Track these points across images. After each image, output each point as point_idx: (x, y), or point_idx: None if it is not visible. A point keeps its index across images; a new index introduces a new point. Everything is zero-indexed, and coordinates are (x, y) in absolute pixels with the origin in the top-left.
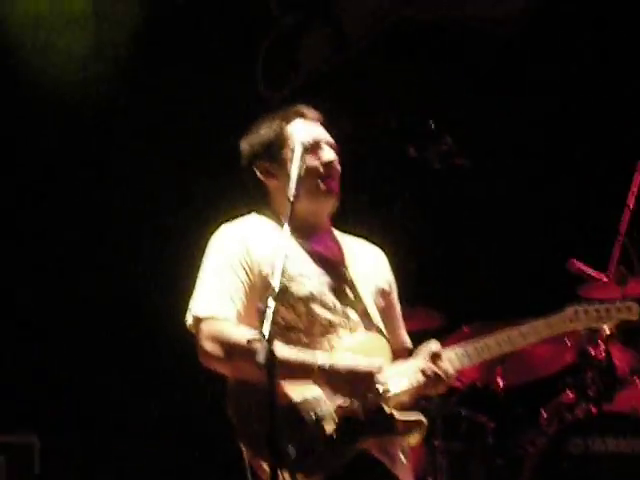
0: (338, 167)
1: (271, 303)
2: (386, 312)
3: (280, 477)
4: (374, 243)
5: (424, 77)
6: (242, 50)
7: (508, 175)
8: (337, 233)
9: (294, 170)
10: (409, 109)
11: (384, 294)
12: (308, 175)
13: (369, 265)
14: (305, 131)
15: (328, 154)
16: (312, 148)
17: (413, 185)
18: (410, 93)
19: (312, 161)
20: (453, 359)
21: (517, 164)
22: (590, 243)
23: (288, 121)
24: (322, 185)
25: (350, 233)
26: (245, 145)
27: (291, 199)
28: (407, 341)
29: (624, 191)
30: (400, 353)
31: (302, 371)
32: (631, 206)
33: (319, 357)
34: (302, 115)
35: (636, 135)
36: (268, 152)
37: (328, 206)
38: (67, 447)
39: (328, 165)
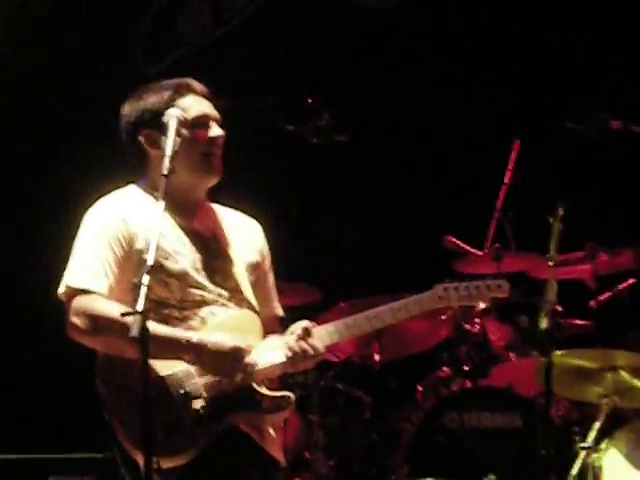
0: (221, 144)
1: (145, 279)
2: (258, 284)
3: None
4: (250, 214)
5: (303, 52)
6: (122, 23)
7: (386, 151)
8: (213, 206)
9: (169, 145)
10: (287, 84)
11: (257, 267)
12: (192, 150)
13: (243, 239)
14: (195, 105)
15: (215, 130)
16: (199, 124)
17: (291, 161)
18: (288, 68)
19: (198, 137)
20: (323, 335)
21: (395, 140)
22: (466, 220)
23: (179, 93)
24: (205, 161)
25: (226, 205)
26: (130, 110)
27: (165, 173)
28: (279, 312)
29: (501, 168)
30: (272, 323)
31: (171, 347)
32: (507, 183)
33: (189, 334)
34: (192, 89)
35: (513, 112)
36: (156, 121)
37: (209, 182)
38: None
39: (213, 142)
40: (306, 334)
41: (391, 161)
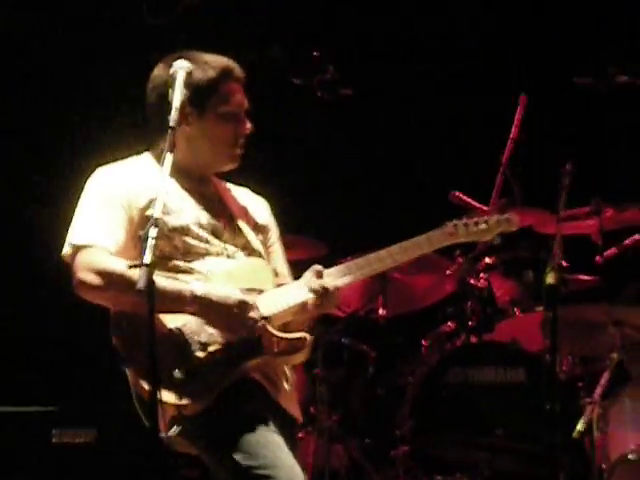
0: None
1: (152, 231)
2: (267, 250)
3: (165, 404)
4: (258, 194)
5: (309, 4)
6: None
7: (392, 105)
8: (219, 180)
9: (176, 97)
10: (293, 37)
11: (264, 231)
12: (222, 139)
13: (249, 205)
14: (235, 96)
15: (247, 126)
16: (235, 116)
17: (297, 114)
18: (294, 22)
19: (231, 129)
20: (335, 276)
21: (401, 94)
22: (472, 175)
23: (223, 78)
24: (232, 153)
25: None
26: (183, 65)
27: (172, 125)
28: (289, 278)
29: (507, 124)
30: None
31: (175, 300)
32: (513, 138)
33: (195, 286)
34: (235, 77)
35: (520, 67)
36: (195, 97)
37: (226, 169)
38: None
39: (243, 137)
40: (319, 275)
41: (397, 115)
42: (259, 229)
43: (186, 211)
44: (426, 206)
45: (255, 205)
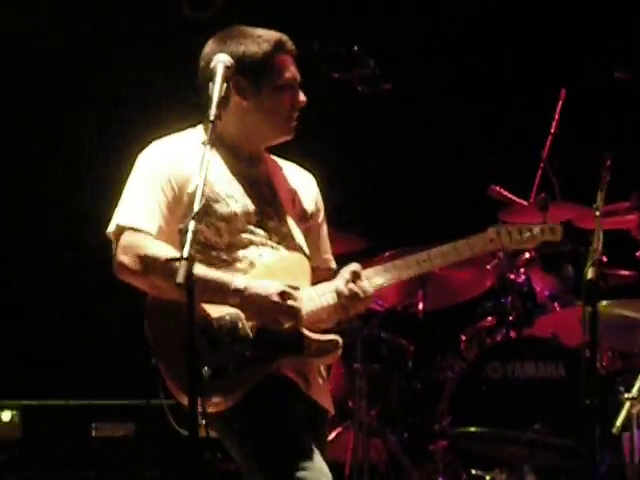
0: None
1: (191, 225)
2: (311, 234)
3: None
4: (305, 168)
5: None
6: None
7: (431, 100)
8: (270, 156)
9: (216, 90)
10: (333, 31)
11: (311, 216)
12: (279, 109)
13: (297, 188)
14: (289, 67)
15: (302, 96)
16: (290, 86)
17: (338, 109)
18: (334, 15)
19: (287, 99)
20: (373, 277)
21: (441, 89)
22: (512, 169)
23: (278, 50)
24: (288, 124)
25: (281, 157)
26: (226, 52)
27: (212, 118)
28: (331, 264)
29: (547, 118)
30: (324, 275)
31: (217, 291)
32: (553, 132)
33: (236, 279)
34: (288, 49)
35: (560, 62)
36: (251, 71)
37: (281, 140)
38: None
39: (299, 106)
40: (355, 277)
41: (437, 110)
42: (305, 216)
43: (234, 198)
44: (467, 201)
45: (303, 185)
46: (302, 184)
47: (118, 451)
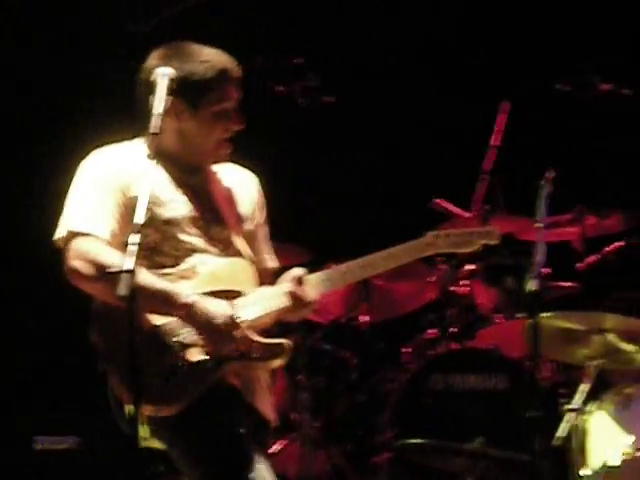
0: None
1: (134, 237)
2: (253, 237)
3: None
4: (246, 167)
5: (291, 12)
6: None
7: (374, 112)
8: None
9: (158, 103)
10: (275, 44)
11: (252, 219)
12: (213, 134)
13: (238, 191)
14: (233, 95)
15: (239, 123)
16: (229, 113)
17: (280, 121)
18: (276, 29)
19: (223, 125)
20: (316, 283)
21: (383, 102)
22: (455, 182)
23: (222, 76)
24: (221, 148)
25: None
26: (173, 67)
27: (155, 131)
28: (273, 264)
29: (490, 130)
30: (266, 275)
31: (165, 302)
32: (495, 145)
33: (185, 292)
34: (234, 76)
35: (503, 74)
36: (191, 94)
37: (214, 162)
38: None
39: (235, 132)
40: (299, 282)
41: (379, 122)
42: (245, 218)
43: (178, 203)
44: (409, 213)
45: (244, 187)
46: (242, 186)
47: (61, 464)
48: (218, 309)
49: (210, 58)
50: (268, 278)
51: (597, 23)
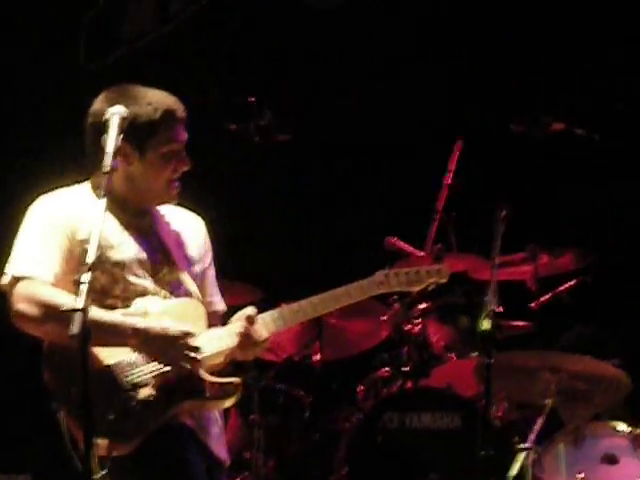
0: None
1: (86, 276)
2: (200, 279)
3: (95, 444)
4: (193, 211)
5: (246, 51)
6: (65, 21)
7: (326, 150)
8: (156, 208)
9: (110, 142)
10: (229, 83)
11: (199, 261)
12: (162, 175)
13: (185, 234)
14: (179, 136)
15: (187, 163)
16: (176, 154)
17: (232, 160)
18: (230, 67)
19: (171, 166)
20: (268, 322)
21: (337, 140)
22: (408, 221)
23: (167, 117)
24: (170, 189)
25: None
26: (119, 110)
27: (106, 170)
28: (221, 307)
29: (443, 169)
30: (215, 318)
31: (117, 333)
32: (449, 184)
33: (134, 319)
34: (179, 117)
35: (454, 115)
36: (137, 136)
37: (163, 204)
38: None
39: (183, 173)
40: (250, 321)
41: (333, 161)
42: (194, 260)
43: (127, 245)
44: (362, 252)
45: (191, 230)
46: (190, 229)
47: None
48: (172, 325)
49: (155, 100)
50: (217, 320)
51: (551, 63)
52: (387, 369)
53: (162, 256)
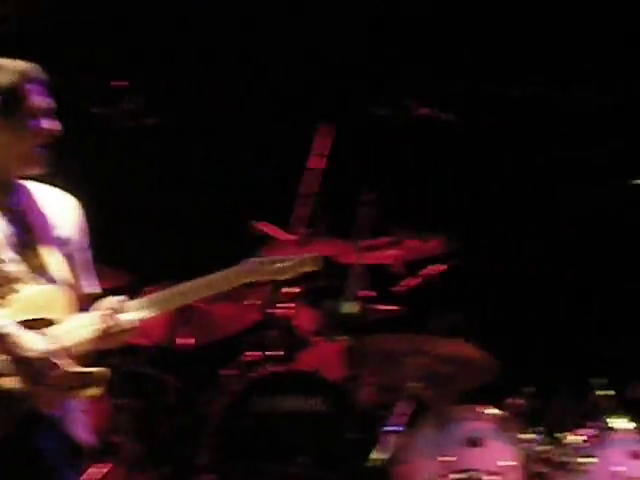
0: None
1: None
2: (72, 260)
3: None
4: (69, 192)
5: (111, 34)
6: None
7: (196, 135)
8: (26, 183)
9: None
10: (95, 66)
11: (70, 242)
12: (30, 141)
13: (56, 214)
14: (41, 95)
15: (56, 125)
16: (43, 115)
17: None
18: (97, 50)
19: (40, 129)
20: (136, 309)
21: (206, 124)
22: (277, 205)
23: (24, 79)
24: (40, 155)
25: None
26: None
27: None
28: (93, 289)
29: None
30: (85, 301)
31: None
32: (315, 167)
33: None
34: (38, 78)
35: (320, 97)
36: (2, 98)
37: (32, 172)
38: None
39: (51, 135)
40: (114, 310)
41: (201, 145)
42: (64, 241)
43: None
44: (229, 236)
45: (63, 210)
46: (61, 209)
47: None
48: (36, 344)
49: (8, 64)
50: (87, 304)
51: (418, 48)
52: (254, 353)
53: (27, 238)
